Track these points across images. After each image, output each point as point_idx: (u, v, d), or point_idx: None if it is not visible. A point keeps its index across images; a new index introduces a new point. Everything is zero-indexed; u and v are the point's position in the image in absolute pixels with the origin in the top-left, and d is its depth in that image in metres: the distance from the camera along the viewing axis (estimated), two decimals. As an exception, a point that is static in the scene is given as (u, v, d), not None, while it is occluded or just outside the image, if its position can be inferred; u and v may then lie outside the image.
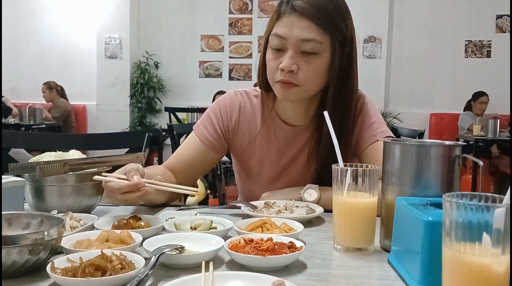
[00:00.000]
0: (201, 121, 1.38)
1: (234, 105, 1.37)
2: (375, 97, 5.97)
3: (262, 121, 1.35)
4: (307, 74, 1.18)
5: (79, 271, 0.67)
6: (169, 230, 0.93)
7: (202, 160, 1.35)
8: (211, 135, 1.34)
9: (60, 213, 0.96)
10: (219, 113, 1.36)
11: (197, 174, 1.39)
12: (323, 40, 1.17)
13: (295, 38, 1.15)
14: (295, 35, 1.15)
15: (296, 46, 1.16)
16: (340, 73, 1.21)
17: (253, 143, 1.35)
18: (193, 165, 1.34)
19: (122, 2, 6.46)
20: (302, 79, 1.18)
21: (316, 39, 1.15)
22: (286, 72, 1.17)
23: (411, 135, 2.99)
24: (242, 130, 1.36)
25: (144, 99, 6.58)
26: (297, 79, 1.18)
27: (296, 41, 1.16)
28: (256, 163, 1.37)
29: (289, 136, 1.33)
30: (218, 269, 0.78)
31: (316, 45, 1.16)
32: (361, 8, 5.99)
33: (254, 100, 1.37)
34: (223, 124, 1.36)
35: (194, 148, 1.34)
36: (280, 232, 0.91)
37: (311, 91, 1.23)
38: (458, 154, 0.84)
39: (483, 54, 6.16)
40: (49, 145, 1.71)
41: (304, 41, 1.15)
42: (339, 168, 0.89)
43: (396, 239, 0.82)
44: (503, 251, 0.54)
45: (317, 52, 1.17)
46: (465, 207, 0.54)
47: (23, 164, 1.07)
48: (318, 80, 1.21)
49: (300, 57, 1.17)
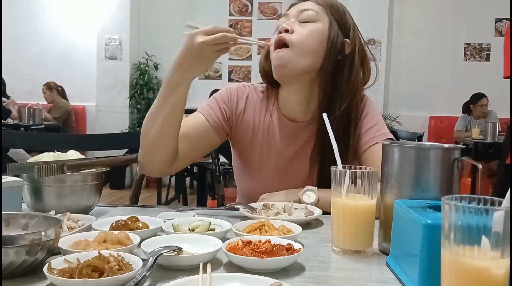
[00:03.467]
0: (207, 103, 1.36)
1: (243, 94, 1.38)
2: (375, 99, 5.89)
3: (266, 115, 1.36)
4: (300, 35, 1.23)
5: (76, 272, 0.67)
6: (167, 231, 0.93)
7: (202, 137, 1.30)
8: (216, 114, 1.33)
9: (58, 213, 0.96)
10: (227, 97, 1.36)
11: (194, 151, 1.31)
12: (320, 11, 1.26)
13: (296, 10, 1.28)
14: (296, 9, 1.28)
15: (295, 16, 1.26)
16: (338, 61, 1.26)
17: (256, 137, 1.35)
18: (192, 140, 1.28)
19: (122, 3, 6.46)
20: (294, 38, 1.22)
21: (313, 9, 1.26)
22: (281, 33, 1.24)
23: (410, 137, 3.00)
24: (246, 121, 1.36)
25: (143, 101, 6.57)
26: (289, 37, 1.23)
27: (296, 12, 1.27)
28: (257, 158, 1.36)
29: (291, 132, 1.33)
30: (216, 270, 0.77)
31: (312, 13, 1.26)
32: (361, 11, 5.99)
33: (261, 94, 1.39)
34: (229, 108, 1.35)
35: (196, 122, 1.30)
36: (279, 234, 0.91)
37: (303, 59, 1.24)
38: (457, 157, 0.84)
39: (482, 58, 6.16)
40: (47, 146, 1.70)
41: (302, 11, 1.26)
42: (338, 170, 0.89)
43: (394, 241, 0.82)
44: (502, 254, 0.54)
45: (314, 20, 1.25)
46: (464, 210, 0.54)
47: (21, 164, 1.06)
48: (309, 45, 1.24)
49: (297, 24, 1.25)
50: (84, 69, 6.80)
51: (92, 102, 6.70)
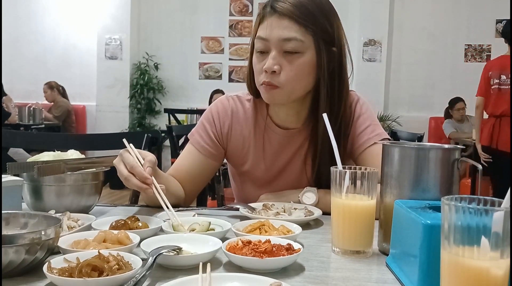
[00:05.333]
0: (196, 130, 1.36)
1: (227, 111, 1.35)
2: (375, 100, 5.98)
3: (256, 126, 1.34)
4: (289, 75, 1.17)
5: (75, 271, 0.67)
6: (166, 231, 0.93)
7: (202, 170, 1.34)
8: (206, 143, 1.33)
9: (58, 213, 0.96)
10: (212, 120, 1.35)
11: (200, 183, 1.37)
12: (305, 38, 1.16)
13: (276, 38, 1.16)
14: (276, 35, 1.16)
15: (278, 46, 1.16)
16: (330, 73, 1.20)
17: (248, 148, 1.34)
18: (193, 176, 1.33)
19: (122, 3, 6.46)
20: (283, 80, 1.17)
21: (297, 38, 1.15)
22: (269, 74, 1.17)
23: (410, 138, 3.00)
24: (235, 135, 1.35)
25: (143, 100, 6.58)
26: (278, 80, 1.17)
27: (278, 41, 1.16)
28: (251, 167, 1.35)
29: (283, 140, 1.32)
30: (215, 270, 0.77)
31: (297, 43, 1.15)
32: (361, 12, 6.00)
33: (247, 104, 1.36)
34: (216, 130, 1.34)
35: (192, 158, 1.33)
36: (278, 234, 0.91)
37: (295, 93, 1.21)
38: (457, 157, 0.84)
39: (482, 59, 6.16)
40: (48, 145, 1.70)
41: (285, 40, 1.15)
42: (338, 170, 0.89)
43: (394, 242, 0.82)
44: (502, 255, 0.54)
45: (300, 51, 1.16)
46: (464, 210, 0.54)
47: (21, 163, 1.06)
48: (302, 80, 1.20)
49: (283, 58, 1.17)
50: (84, 69, 6.80)
51: (92, 102, 6.71)
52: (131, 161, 1.05)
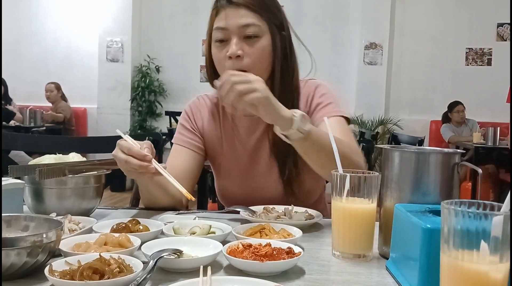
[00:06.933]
0: (176, 132, 1.43)
1: (198, 107, 1.44)
2: (376, 103, 5.98)
3: (224, 117, 1.40)
4: (253, 58, 1.23)
5: (77, 274, 0.68)
6: (167, 234, 0.93)
7: (192, 164, 1.38)
8: (188, 137, 1.39)
9: (59, 216, 0.96)
10: (188, 117, 1.43)
11: (194, 178, 1.39)
12: (261, 23, 1.24)
13: (236, 25, 1.23)
14: (236, 23, 1.23)
15: (238, 33, 1.23)
16: (283, 57, 1.28)
17: (220, 141, 1.40)
18: (186, 172, 1.35)
19: (124, 5, 6.47)
20: (248, 63, 1.22)
21: (255, 23, 1.23)
22: (234, 59, 1.22)
23: (411, 142, 3.00)
24: (208, 130, 1.41)
25: (144, 103, 6.58)
26: (243, 64, 1.22)
27: (237, 28, 1.22)
28: (224, 159, 1.40)
29: (248, 127, 1.37)
30: (216, 274, 0.78)
31: (256, 28, 1.23)
32: (362, 15, 6.00)
33: (215, 99, 1.43)
34: (193, 124, 1.42)
35: (180, 156, 1.38)
36: (279, 237, 0.91)
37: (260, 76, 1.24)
38: (457, 161, 0.85)
39: (483, 62, 6.16)
40: (49, 148, 1.70)
41: (244, 26, 1.23)
42: (338, 174, 0.89)
43: (394, 245, 0.82)
44: (501, 259, 0.54)
45: (258, 35, 1.24)
46: (464, 214, 0.54)
47: (22, 166, 1.07)
48: (264, 63, 1.26)
49: (244, 43, 1.23)
50: (86, 71, 6.80)
51: (93, 104, 6.71)
52: (128, 145, 1.10)
